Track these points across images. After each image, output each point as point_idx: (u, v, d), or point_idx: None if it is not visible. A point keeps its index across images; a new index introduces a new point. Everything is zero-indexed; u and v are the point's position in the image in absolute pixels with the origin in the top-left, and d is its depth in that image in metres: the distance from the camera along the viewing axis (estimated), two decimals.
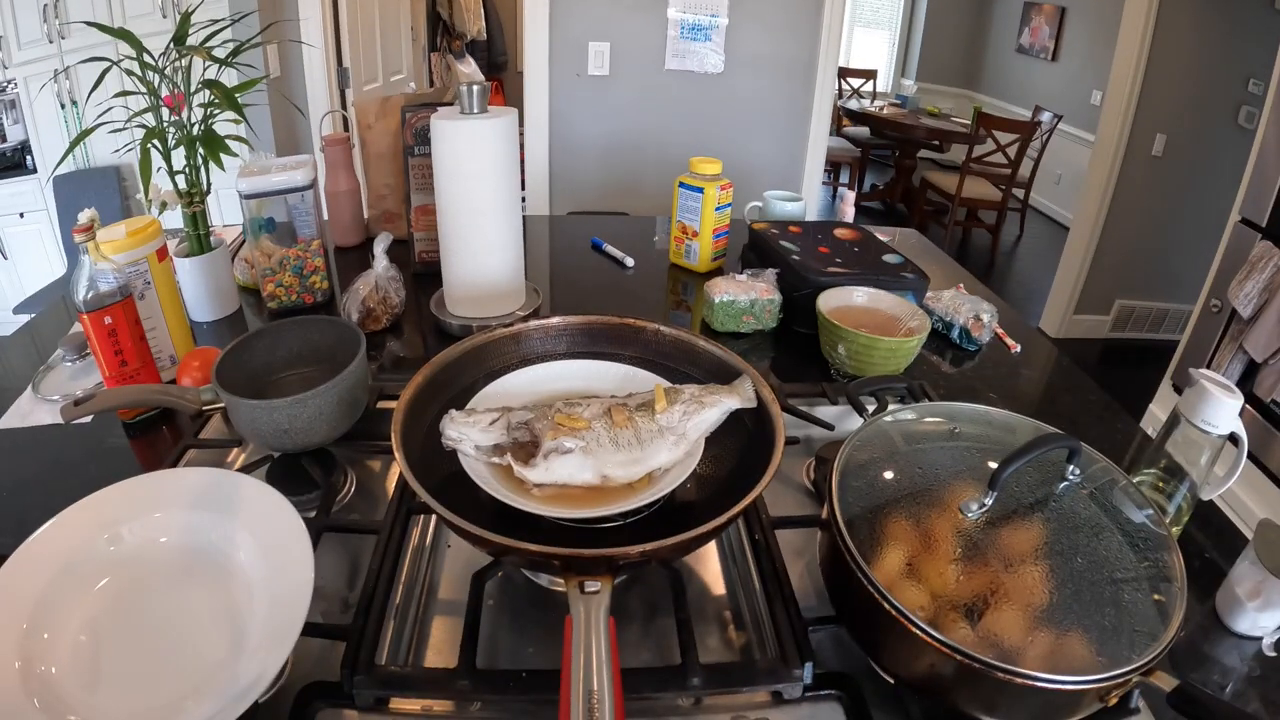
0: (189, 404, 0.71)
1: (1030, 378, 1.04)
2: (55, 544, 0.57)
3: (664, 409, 0.61)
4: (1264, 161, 2.10)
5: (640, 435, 0.60)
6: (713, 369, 0.72)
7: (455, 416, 0.61)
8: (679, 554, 0.62)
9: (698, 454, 0.61)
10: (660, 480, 0.60)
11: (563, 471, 0.58)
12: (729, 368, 0.70)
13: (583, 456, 0.59)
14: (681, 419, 0.61)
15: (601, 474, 0.59)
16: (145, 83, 0.92)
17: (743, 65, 2.47)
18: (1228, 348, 2.15)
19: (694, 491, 0.64)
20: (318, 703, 0.53)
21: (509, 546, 0.49)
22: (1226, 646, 0.61)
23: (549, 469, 0.58)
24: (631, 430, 0.60)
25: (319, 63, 2.57)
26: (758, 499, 0.55)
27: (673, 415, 0.61)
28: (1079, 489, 0.56)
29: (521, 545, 0.49)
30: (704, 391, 0.63)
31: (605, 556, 0.48)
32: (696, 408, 0.62)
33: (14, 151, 2.64)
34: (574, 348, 0.76)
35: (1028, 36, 4.88)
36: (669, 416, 0.61)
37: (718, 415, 0.63)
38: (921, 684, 0.51)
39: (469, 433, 0.60)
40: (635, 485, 0.59)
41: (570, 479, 0.59)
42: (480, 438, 0.60)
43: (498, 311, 1.04)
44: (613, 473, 0.59)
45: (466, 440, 0.60)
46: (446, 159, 0.94)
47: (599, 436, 0.60)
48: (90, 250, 0.73)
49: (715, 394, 0.63)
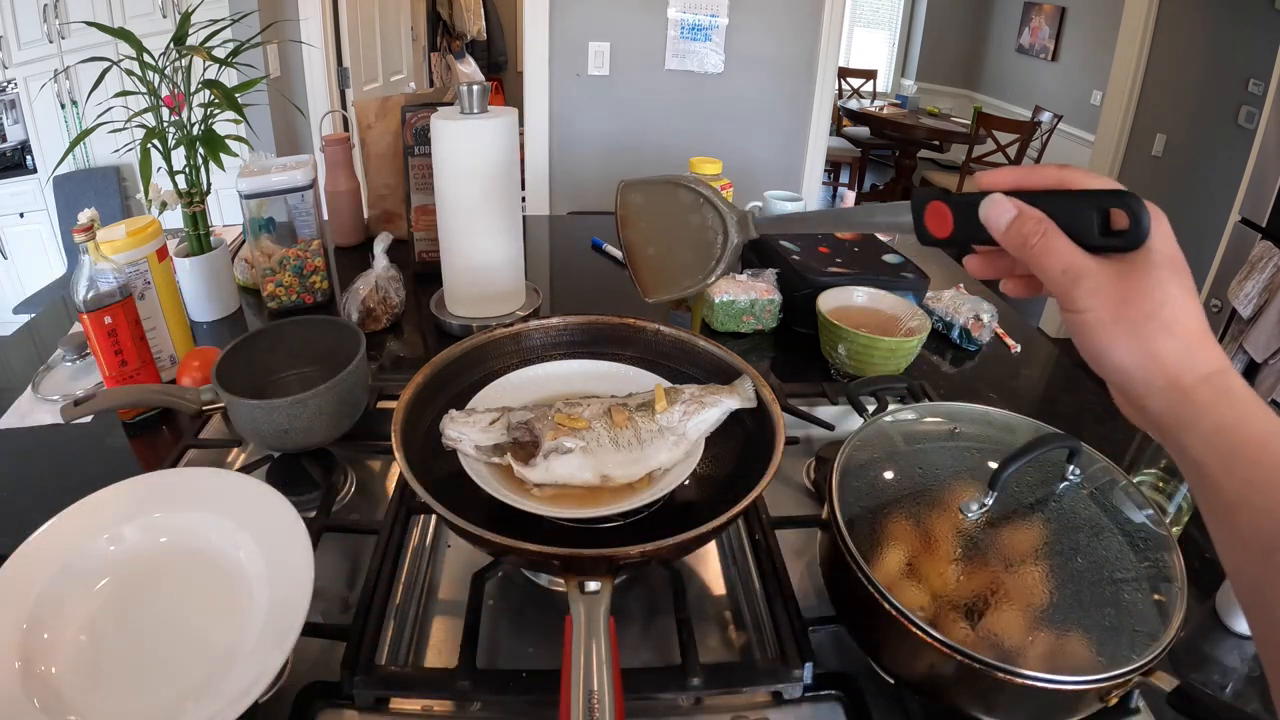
0: (189, 404, 0.71)
1: (1030, 378, 1.04)
2: (55, 544, 0.57)
3: (664, 409, 0.61)
4: (1264, 161, 2.10)
5: (640, 435, 0.60)
6: (712, 369, 0.72)
7: (455, 416, 0.61)
8: (679, 554, 0.62)
9: (698, 454, 0.61)
10: (660, 480, 0.60)
11: (563, 471, 0.58)
12: (729, 367, 0.69)
13: (583, 456, 0.59)
14: (682, 419, 0.61)
15: (601, 474, 0.59)
16: (145, 83, 0.92)
17: (743, 65, 2.47)
18: (1228, 348, 2.15)
19: (694, 491, 0.64)
20: (318, 703, 0.53)
21: (509, 547, 0.49)
22: (1226, 646, 0.61)
23: (549, 469, 0.58)
24: (632, 430, 0.60)
25: (319, 63, 2.57)
26: (758, 499, 0.55)
27: (673, 415, 0.61)
28: (1079, 489, 0.56)
29: (521, 545, 0.49)
30: (704, 391, 0.63)
31: (605, 556, 0.48)
32: (696, 408, 0.62)
33: (14, 151, 2.64)
34: (574, 348, 0.76)
35: (1028, 36, 4.87)
36: (669, 416, 0.61)
37: (718, 415, 0.63)
38: (921, 684, 0.51)
39: (468, 432, 0.60)
40: (635, 485, 0.59)
41: (570, 479, 0.58)
42: (480, 437, 0.60)
43: (498, 311, 1.04)
44: (613, 472, 0.59)
45: (466, 440, 0.60)
46: (446, 159, 0.94)
47: (599, 436, 0.60)
48: (90, 250, 0.73)
49: (715, 394, 0.63)
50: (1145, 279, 0.34)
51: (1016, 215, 0.36)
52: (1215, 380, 0.33)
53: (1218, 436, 0.33)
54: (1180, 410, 0.34)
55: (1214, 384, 0.33)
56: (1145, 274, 0.34)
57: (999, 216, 0.36)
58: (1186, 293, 0.34)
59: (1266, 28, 2.60)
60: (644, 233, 0.56)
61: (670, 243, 0.54)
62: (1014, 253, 0.36)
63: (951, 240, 0.39)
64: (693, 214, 0.53)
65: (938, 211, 0.39)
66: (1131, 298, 0.34)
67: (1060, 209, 0.35)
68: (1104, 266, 0.34)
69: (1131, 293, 0.34)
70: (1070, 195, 0.36)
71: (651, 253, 0.56)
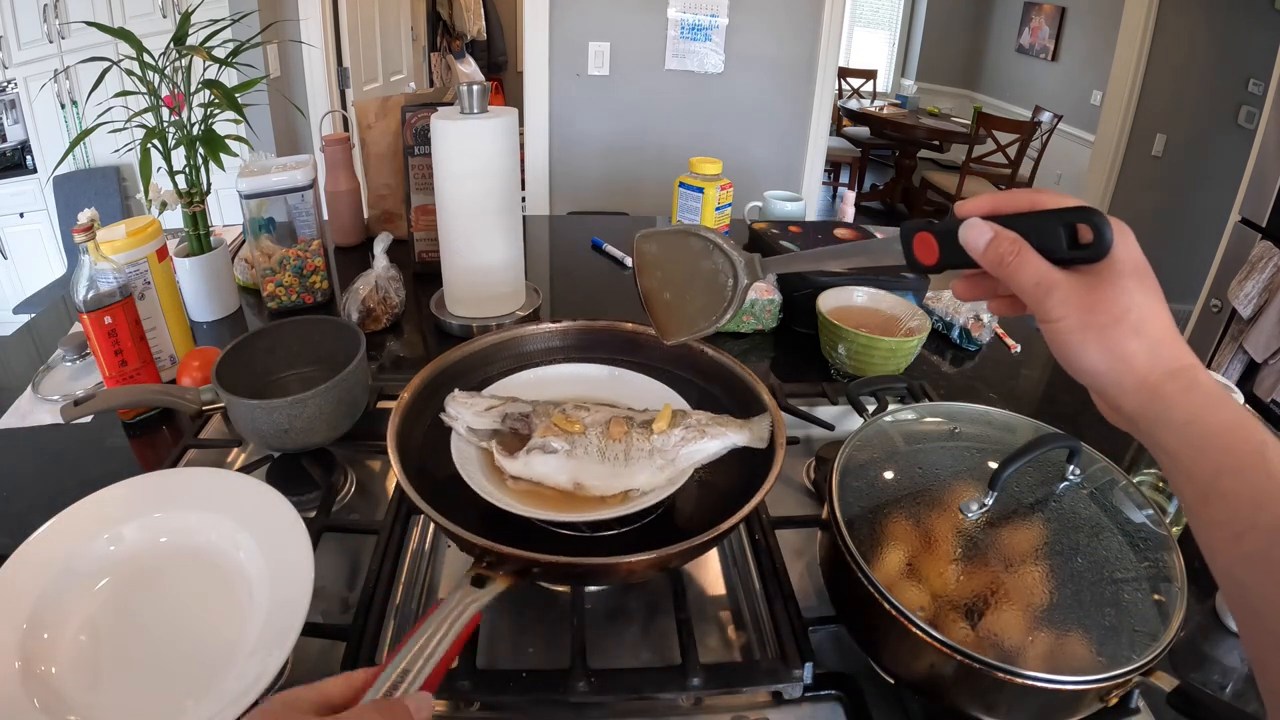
0: (189, 404, 0.71)
1: (1030, 378, 1.04)
2: (55, 544, 0.57)
3: (662, 430, 0.60)
4: (1264, 161, 2.10)
5: (629, 452, 0.59)
6: (712, 370, 0.71)
7: (458, 396, 0.63)
8: (682, 561, 0.60)
9: (680, 481, 0.59)
10: (635, 500, 0.58)
11: (541, 469, 0.59)
12: (728, 368, 0.69)
13: (564, 460, 0.59)
14: (677, 444, 0.59)
15: (576, 481, 0.59)
16: (145, 83, 0.92)
17: (743, 65, 2.47)
18: (1228, 347, 2.15)
19: (693, 496, 0.64)
20: None
21: (497, 552, 0.49)
22: (1226, 646, 0.61)
23: (528, 464, 0.59)
24: (623, 445, 0.59)
25: (319, 63, 2.57)
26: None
27: (669, 438, 0.59)
28: (1079, 489, 0.56)
29: (511, 551, 0.48)
30: (711, 421, 0.61)
31: (604, 566, 0.48)
32: (696, 436, 0.60)
33: (14, 151, 2.65)
34: (573, 352, 0.76)
35: (1028, 36, 4.87)
36: (665, 439, 0.59)
37: (718, 448, 0.60)
38: (921, 684, 0.51)
39: (464, 413, 0.61)
40: (608, 500, 0.58)
41: (545, 478, 0.59)
42: (474, 420, 0.61)
43: (498, 311, 1.04)
44: (589, 482, 0.58)
45: (460, 420, 0.61)
46: (446, 159, 0.94)
47: (588, 445, 0.60)
48: (90, 250, 0.73)
49: (722, 426, 0.61)
50: (1112, 288, 0.36)
51: (993, 237, 0.38)
52: (1182, 376, 0.35)
53: (1188, 428, 0.34)
54: (1151, 406, 0.35)
55: (1181, 379, 0.35)
56: (1111, 283, 0.36)
57: (977, 239, 0.39)
58: (1152, 297, 0.36)
59: (1266, 28, 2.60)
60: (659, 280, 0.58)
61: (684, 288, 0.57)
62: (992, 271, 0.39)
63: (939, 266, 0.42)
64: (704, 260, 0.55)
65: (924, 241, 0.42)
66: (1099, 305, 0.36)
67: (1031, 228, 0.38)
68: (1073, 278, 0.36)
69: (1099, 301, 0.36)
70: (1040, 215, 0.38)
71: (668, 298, 0.58)
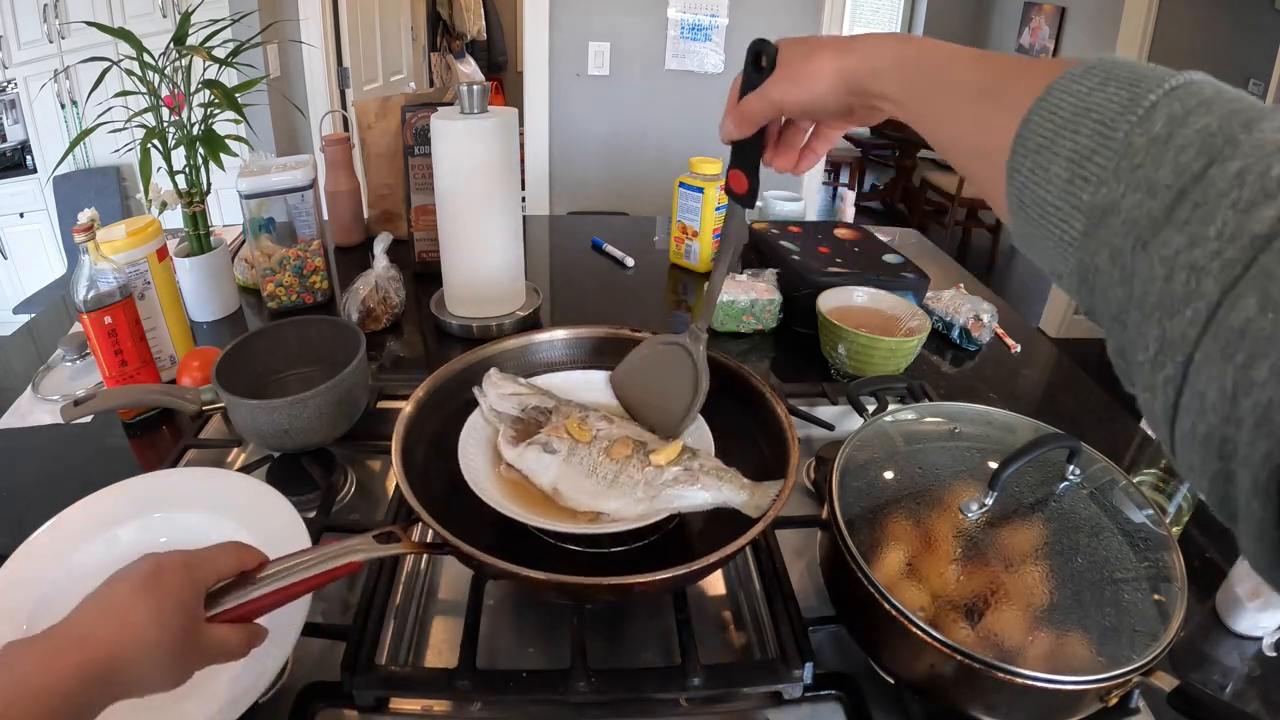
0: (189, 404, 0.71)
1: (1030, 378, 1.04)
2: (55, 544, 0.57)
3: (658, 465, 0.58)
4: None
5: (618, 477, 0.58)
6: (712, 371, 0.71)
7: (493, 377, 0.67)
8: (689, 581, 0.59)
9: (651, 519, 0.56)
10: (602, 523, 0.57)
11: (533, 465, 0.60)
12: (729, 370, 0.70)
13: (556, 463, 0.59)
14: (665, 483, 0.57)
15: (555, 487, 0.59)
16: (145, 83, 0.92)
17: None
18: None
19: (700, 515, 0.61)
20: (318, 703, 0.53)
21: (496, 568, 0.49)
22: (1226, 646, 0.61)
23: (523, 455, 0.60)
24: (616, 467, 0.59)
25: (319, 63, 2.57)
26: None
27: (662, 474, 0.58)
28: (1079, 489, 0.56)
29: (510, 569, 0.48)
30: (715, 470, 0.58)
31: (613, 585, 0.48)
32: (688, 481, 0.57)
33: (14, 151, 2.64)
34: (579, 360, 0.76)
35: (1028, 36, 4.87)
36: (658, 474, 0.58)
37: (706, 499, 0.57)
38: (921, 684, 0.51)
39: (492, 394, 0.65)
40: (578, 515, 0.58)
41: (533, 475, 0.60)
42: (499, 403, 0.65)
43: (498, 311, 1.04)
44: (566, 492, 0.59)
45: (486, 402, 0.65)
46: (446, 159, 0.94)
47: (584, 457, 0.60)
48: (90, 250, 0.73)
49: (720, 480, 0.57)
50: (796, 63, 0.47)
51: (723, 119, 0.53)
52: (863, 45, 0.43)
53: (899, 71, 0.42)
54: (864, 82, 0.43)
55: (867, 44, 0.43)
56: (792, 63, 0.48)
57: (724, 127, 0.53)
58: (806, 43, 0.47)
59: (1266, 28, 2.60)
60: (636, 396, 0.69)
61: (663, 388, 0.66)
62: (749, 130, 0.52)
63: (751, 186, 0.55)
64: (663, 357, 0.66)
65: (734, 177, 0.56)
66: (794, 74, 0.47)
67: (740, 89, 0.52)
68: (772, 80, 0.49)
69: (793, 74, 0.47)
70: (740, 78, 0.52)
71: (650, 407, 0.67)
